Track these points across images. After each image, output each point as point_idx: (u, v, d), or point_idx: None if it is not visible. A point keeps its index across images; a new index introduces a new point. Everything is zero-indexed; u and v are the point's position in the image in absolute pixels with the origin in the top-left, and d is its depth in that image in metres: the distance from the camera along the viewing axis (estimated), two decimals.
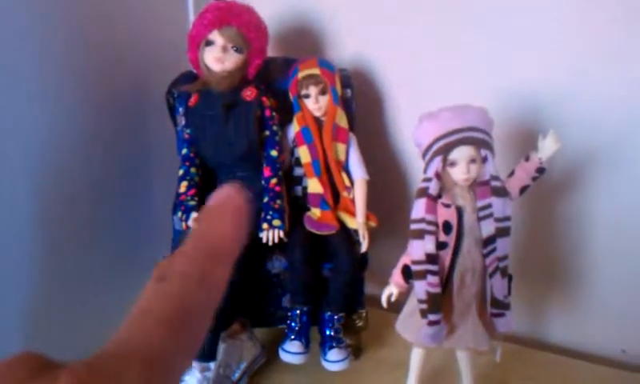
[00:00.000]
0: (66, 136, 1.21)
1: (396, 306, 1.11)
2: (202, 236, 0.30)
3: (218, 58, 1.16)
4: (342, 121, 1.26)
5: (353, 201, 1.25)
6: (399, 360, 1.25)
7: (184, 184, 1.20)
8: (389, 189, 1.46)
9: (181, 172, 1.22)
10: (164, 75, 1.30)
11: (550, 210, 1.35)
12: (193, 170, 1.22)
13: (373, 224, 1.25)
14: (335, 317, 1.21)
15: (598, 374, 1.28)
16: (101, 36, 1.27)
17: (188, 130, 1.23)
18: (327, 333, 1.20)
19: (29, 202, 1.15)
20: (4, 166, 1.09)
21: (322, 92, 1.24)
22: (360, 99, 1.36)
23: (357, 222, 1.23)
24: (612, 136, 1.24)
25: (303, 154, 1.24)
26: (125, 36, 1.34)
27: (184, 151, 1.23)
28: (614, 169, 1.27)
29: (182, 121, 1.26)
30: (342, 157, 1.26)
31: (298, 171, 1.28)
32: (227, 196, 0.31)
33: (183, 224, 1.15)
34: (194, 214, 1.14)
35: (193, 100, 1.22)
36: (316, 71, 1.24)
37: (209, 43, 1.17)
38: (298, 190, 1.28)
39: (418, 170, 1.35)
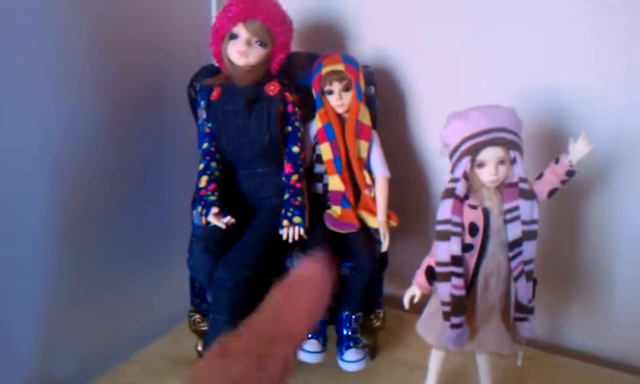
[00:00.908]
0: (84, 131, 1.21)
1: (414, 307, 1.10)
2: (276, 309, 0.30)
3: (242, 51, 1.15)
4: (365, 118, 1.25)
5: (374, 199, 1.24)
6: (416, 361, 1.23)
7: (204, 178, 1.18)
8: (410, 187, 1.45)
9: (201, 166, 1.20)
10: (185, 69, 1.30)
11: (572, 214, 1.33)
12: (213, 164, 1.21)
13: (394, 223, 1.23)
14: (353, 316, 1.19)
15: (618, 380, 1.26)
16: (121, 29, 1.27)
17: (209, 124, 1.22)
18: (344, 332, 1.19)
19: (47, 198, 1.15)
20: (23, 163, 1.09)
21: (346, 88, 1.23)
22: (383, 97, 1.35)
23: (378, 220, 1.22)
24: (637, 139, 1.23)
25: (325, 150, 1.23)
26: (145, 29, 1.34)
27: (205, 145, 1.22)
28: (636, 173, 1.25)
29: (203, 114, 1.25)
30: (364, 154, 1.25)
31: (319, 168, 1.26)
32: (313, 269, 0.31)
33: (203, 219, 1.14)
34: (214, 209, 1.13)
35: (215, 94, 1.21)
36: (340, 67, 1.22)
37: (233, 37, 1.16)
38: (319, 187, 1.27)
39: (440, 168, 1.34)
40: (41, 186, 1.13)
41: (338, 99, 1.23)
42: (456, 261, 0.98)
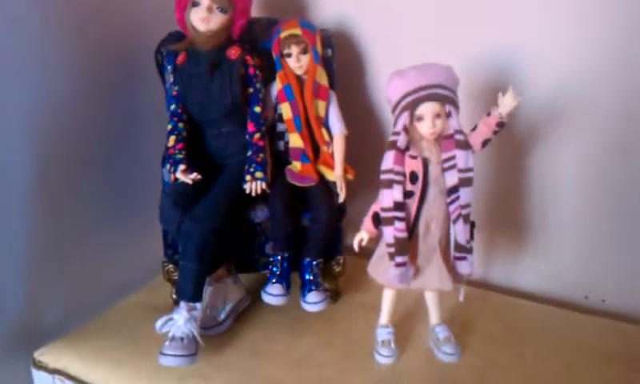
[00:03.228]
0: (63, 95, 1.29)
1: (371, 254, 1.19)
2: None
3: (204, 18, 1.22)
4: (323, 79, 1.33)
5: (332, 155, 1.32)
6: (374, 304, 1.32)
7: (172, 138, 1.26)
8: (366, 144, 1.51)
9: (169, 127, 1.28)
10: (153, 35, 1.36)
11: (519, 164, 1.42)
12: (180, 125, 1.28)
13: (350, 177, 1.32)
14: (314, 262, 1.29)
15: (561, 316, 1.37)
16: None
17: (176, 87, 1.29)
18: (307, 277, 1.29)
19: (28, 156, 1.23)
20: (4, 123, 1.17)
21: (303, 51, 1.30)
22: (341, 58, 1.42)
23: (335, 174, 1.31)
24: (575, 95, 1.31)
25: (285, 110, 1.31)
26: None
27: (172, 107, 1.30)
28: (576, 126, 1.34)
29: (170, 78, 1.32)
30: (322, 113, 1.33)
31: (280, 127, 1.35)
32: None
33: (171, 176, 1.22)
34: (181, 166, 1.21)
35: (180, 58, 1.29)
36: (297, 31, 1.29)
37: (195, 4, 1.23)
38: (281, 144, 1.36)
39: None
40: (22, 145, 1.21)
41: (297, 61, 1.30)
42: (398, 206, 1.07)
